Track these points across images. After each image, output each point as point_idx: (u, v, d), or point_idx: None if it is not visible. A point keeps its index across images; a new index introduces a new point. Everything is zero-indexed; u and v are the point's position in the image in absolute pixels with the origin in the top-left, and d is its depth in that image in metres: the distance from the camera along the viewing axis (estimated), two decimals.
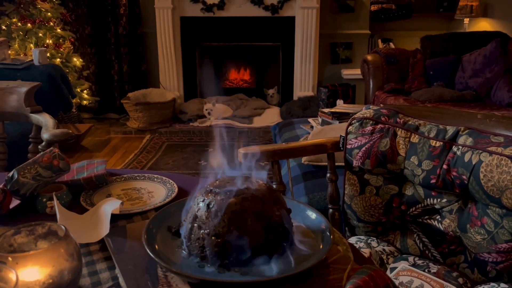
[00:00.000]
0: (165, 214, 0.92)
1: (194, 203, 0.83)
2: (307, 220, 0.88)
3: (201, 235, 0.79)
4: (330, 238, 0.81)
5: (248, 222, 0.77)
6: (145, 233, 0.82)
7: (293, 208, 0.87)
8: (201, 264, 0.78)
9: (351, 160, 1.32)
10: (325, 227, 0.84)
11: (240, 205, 0.77)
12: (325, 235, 0.82)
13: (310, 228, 0.86)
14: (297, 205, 0.91)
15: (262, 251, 0.77)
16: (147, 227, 0.84)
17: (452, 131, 1.18)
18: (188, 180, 1.19)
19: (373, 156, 1.27)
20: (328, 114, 2.71)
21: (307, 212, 0.89)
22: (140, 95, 4.47)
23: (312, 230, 0.85)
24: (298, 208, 0.90)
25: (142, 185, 1.14)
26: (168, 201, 1.04)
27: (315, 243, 0.81)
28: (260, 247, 0.77)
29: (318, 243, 0.81)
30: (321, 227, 0.85)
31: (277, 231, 0.79)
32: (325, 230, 0.83)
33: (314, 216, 0.88)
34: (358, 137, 1.29)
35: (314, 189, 2.06)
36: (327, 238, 0.81)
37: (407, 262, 1.27)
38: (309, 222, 0.87)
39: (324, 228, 0.84)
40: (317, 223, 0.86)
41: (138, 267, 0.79)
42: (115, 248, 0.85)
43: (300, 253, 0.78)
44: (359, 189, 1.33)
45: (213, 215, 0.78)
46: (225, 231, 0.77)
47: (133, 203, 1.05)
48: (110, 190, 1.12)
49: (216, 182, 0.84)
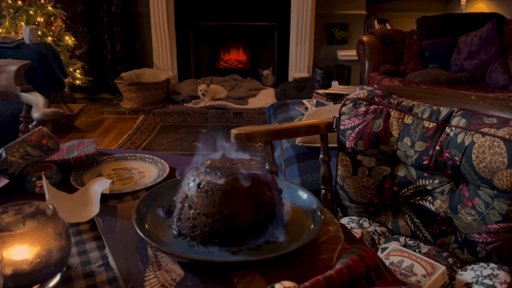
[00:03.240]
0: (156, 194, 0.91)
1: (184, 183, 0.82)
2: (299, 200, 0.88)
3: (191, 215, 0.78)
4: (321, 218, 0.81)
5: (238, 202, 0.76)
6: (135, 212, 0.82)
7: (285, 188, 0.86)
8: (191, 244, 0.78)
9: (344, 141, 1.32)
10: (316, 207, 0.84)
11: (231, 185, 0.77)
12: (316, 215, 0.82)
13: (302, 208, 0.86)
14: (289, 185, 0.90)
15: (252, 231, 0.77)
16: (137, 207, 0.83)
17: (446, 112, 1.18)
18: (180, 160, 1.18)
19: (366, 137, 1.26)
20: (323, 95, 2.69)
21: (298, 192, 0.89)
22: (133, 75, 4.43)
23: (303, 210, 0.85)
24: (289, 188, 0.90)
25: (133, 165, 1.14)
26: (159, 181, 1.03)
27: (306, 223, 0.81)
28: (250, 227, 0.77)
29: (309, 223, 0.81)
30: (312, 207, 0.84)
31: (268, 211, 0.79)
32: (316, 210, 0.83)
33: (306, 196, 0.88)
34: (352, 118, 1.29)
35: (308, 170, 2.06)
36: (318, 218, 0.81)
37: (398, 242, 1.28)
38: (301, 202, 0.87)
39: (315, 208, 0.84)
40: (309, 203, 0.86)
41: (128, 247, 0.78)
42: (105, 227, 0.84)
43: (290, 233, 0.78)
44: (352, 170, 1.33)
45: (203, 195, 0.77)
46: (216, 211, 0.76)
47: (124, 183, 1.04)
48: (101, 169, 1.11)
49: (207, 162, 0.84)
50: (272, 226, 0.79)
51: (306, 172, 2.06)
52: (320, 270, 0.73)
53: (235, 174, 0.78)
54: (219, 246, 0.76)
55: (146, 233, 0.77)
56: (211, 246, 0.77)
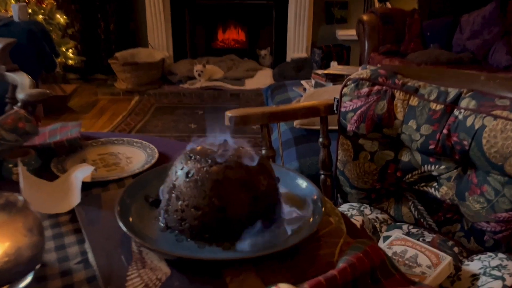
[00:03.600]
0: (143, 182, 0.84)
1: (172, 171, 0.75)
2: (297, 189, 0.81)
3: (179, 207, 0.71)
4: (322, 210, 0.74)
5: (231, 193, 0.69)
6: (119, 204, 0.75)
7: (282, 176, 0.79)
8: (179, 238, 0.71)
9: (345, 124, 1.24)
10: (317, 197, 0.77)
11: (223, 174, 0.70)
12: (317, 206, 0.75)
13: (300, 198, 0.79)
14: (287, 173, 0.83)
15: (247, 225, 0.70)
16: (121, 198, 0.76)
17: (454, 94, 1.10)
18: (170, 145, 1.11)
19: (368, 120, 1.19)
20: (322, 76, 2.61)
21: (297, 181, 0.82)
22: (127, 55, 4.32)
23: (302, 200, 0.78)
24: (287, 176, 0.83)
25: (120, 150, 1.06)
26: (148, 168, 0.96)
27: (305, 215, 0.74)
28: (244, 220, 0.70)
29: (309, 215, 0.74)
30: (312, 197, 0.78)
31: (264, 202, 0.72)
32: (317, 200, 0.76)
33: (305, 185, 0.81)
34: (353, 100, 1.21)
35: (306, 154, 1.99)
36: (319, 210, 0.74)
37: (401, 230, 1.21)
38: (299, 192, 0.80)
39: (315, 199, 0.77)
40: (308, 193, 0.79)
41: (110, 241, 0.71)
42: (86, 219, 0.77)
43: (288, 226, 0.72)
44: (353, 155, 1.26)
45: (192, 185, 0.70)
46: (206, 203, 0.69)
47: (109, 170, 0.97)
48: (85, 155, 1.04)
49: (197, 148, 0.76)
50: (268, 219, 0.72)
51: (304, 156, 1.99)
52: (320, 267, 0.66)
53: (228, 162, 0.71)
54: (209, 241, 0.70)
55: (130, 227, 0.70)
56: (201, 241, 0.70)
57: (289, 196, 0.78)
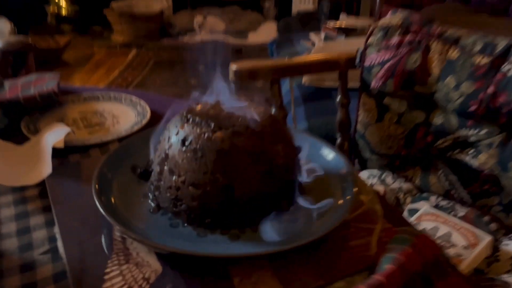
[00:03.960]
0: (130, 148, 0.68)
1: (164, 136, 0.59)
2: (322, 161, 0.65)
3: (173, 183, 0.56)
4: (353, 189, 0.58)
5: (240, 167, 0.54)
6: (97, 177, 0.59)
7: (303, 144, 0.63)
8: (174, 223, 0.56)
9: (369, 80, 1.07)
10: (347, 173, 0.61)
11: (230, 142, 0.54)
12: (347, 183, 0.60)
13: (326, 173, 0.63)
14: (308, 140, 0.67)
15: (259, 207, 0.55)
16: (100, 169, 0.61)
17: (504, 45, 0.92)
18: (165, 102, 0.94)
19: (397, 75, 1.02)
20: (333, 28, 2.40)
21: (322, 151, 0.66)
22: (124, 5, 4.06)
23: (328, 176, 0.62)
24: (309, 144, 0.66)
25: (105, 107, 0.90)
26: (137, 130, 0.80)
27: (332, 196, 0.59)
28: (256, 202, 0.55)
29: (337, 196, 0.59)
30: (341, 172, 0.62)
31: (281, 178, 0.56)
32: (347, 176, 0.61)
33: (332, 157, 0.65)
34: (381, 51, 1.03)
35: (316, 114, 1.83)
36: (349, 188, 0.59)
37: (429, 202, 1.07)
38: (325, 164, 0.64)
39: (344, 174, 0.61)
40: (335, 166, 0.63)
41: (86, 225, 0.56)
42: (59, 194, 0.62)
43: (311, 210, 0.56)
44: (377, 116, 1.10)
45: (190, 156, 0.54)
46: (208, 179, 0.54)
47: (91, 131, 0.81)
48: (64, 112, 0.87)
49: (196, 108, 0.60)
50: (286, 201, 0.56)
51: (313, 116, 1.82)
52: (354, 263, 0.52)
53: (236, 126, 0.55)
54: (212, 227, 0.54)
55: (110, 208, 0.55)
56: (201, 227, 0.55)
57: (311, 171, 0.62)
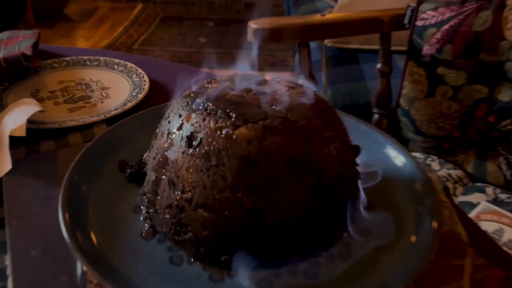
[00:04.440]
0: (118, 135, 0.50)
1: (163, 129, 0.41)
2: (386, 164, 0.46)
3: (175, 201, 0.38)
4: (432, 212, 0.40)
5: (275, 181, 0.35)
6: (66, 186, 0.41)
7: (358, 138, 0.44)
8: (175, 257, 0.38)
9: (421, 44, 0.87)
10: (422, 185, 0.43)
11: (259, 144, 0.35)
12: (424, 203, 0.41)
13: (392, 183, 0.44)
14: (365, 132, 0.49)
15: (301, 239, 0.37)
16: (70, 173, 0.43)
17: None
18: (170, 70, 0.75)
19: (459, 39, 0.81)
20: None
21: (386, 149, 0.47)
22: None
23: (395, 188, 0.44)
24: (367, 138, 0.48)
25: (93, 76, 0.71)
26: (131, 108, 0.61)
27: (404, 221, 0.40)
28: (298, 231, 0.37)
29: (407, 224, 0.40)
30: (413, 184, 0.43)
31: (334, 195, 0.38)
32: (423, 192, 0.42)
33: (403, 161, 0.46)
34: (439, 8, 0.82)
35: (340, 79, 1.61)
36: (426, 212, 0.40)
37: (485, 195, 0.89)
38: (390, 169, 0.46)
39: (420, 189, 0.42)
40: (406, 173, 0.45)
41: (50, 255, 0.39)
42: (17, 204, 0.45)
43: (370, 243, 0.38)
44: (427, 89, 0.90)
45: (200, 163, 0.36)
46: (226, 200, 0.36)
47: (72, 109, 0.63)
48: (41, 82, 0.69)
49: (208, 86, 0.41)
50: (340, 228, 0.38)
51: (337, 82, 1.61)
52: None
53: (268, 118, 0.36)
54: (231, 268, 0.37)
55: (83, 237, 0.37)
56: (215, 266, 0.37)
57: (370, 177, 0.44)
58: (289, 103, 0.38)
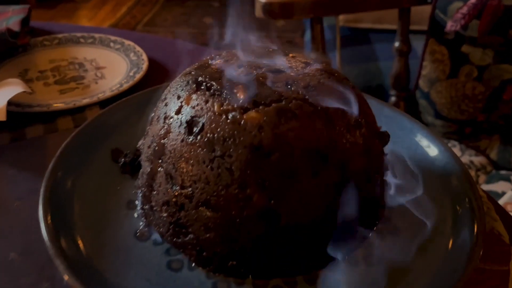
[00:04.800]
0: (111, 120, 0.45)
1: (159, 112, 0.35)
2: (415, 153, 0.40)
3: (173, 197, 0.32)
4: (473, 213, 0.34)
5: (291, 176, 0.30)
6: (49, 179, 0.36)
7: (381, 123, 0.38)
8: (174, 262, 0.33)
9: (444, 20, 0.80)
10: (459, 179, 0.37)
11: (272, 131, 0.29)
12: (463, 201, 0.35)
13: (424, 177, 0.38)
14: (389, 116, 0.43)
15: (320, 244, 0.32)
16: (54, 164, 0.37)
17: None
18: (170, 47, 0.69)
19: (487, 14, 0.74)
20: None
21: (415, 136, 0.41)
22: None
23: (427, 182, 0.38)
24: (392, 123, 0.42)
25: (87, 55, 0.65)
26: (127, 89, 0.56)
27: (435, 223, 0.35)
28: (316, 235, 0.31)
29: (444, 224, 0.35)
30: (449, 178, 0.37)
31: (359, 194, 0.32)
32: (461, 187, 0.36)
33: (436, 151, 0.40)
34: None
35: (352, 60, 1.55)
36: (466, 211, 0.35)
37: (510, 183, 0.83)
38: (420, 158, 0.40)
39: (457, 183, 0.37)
40: (440, 164, 0.39)
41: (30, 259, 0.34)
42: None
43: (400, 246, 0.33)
44: (449, 69, 0.83)
45: (202, 154, 0.30)
46: (234, 197, 0.30)
47: (63, 90, 0.57)
48: (31, 61, 0.63)
49: (212, 63, 0.35)
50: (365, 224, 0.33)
51: (349, 62, 1.55)
52: None
53: (283, 99, 0.30)
54: (239, 275, 0.32)
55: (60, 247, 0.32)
56: (220, 272, 0.32)
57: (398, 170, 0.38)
58: (308, 82, 0.32)
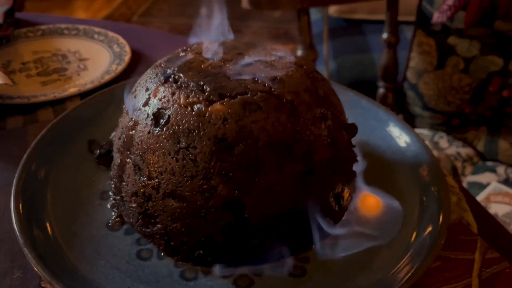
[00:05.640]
0: (87, 112, 0.45)
1: (128, 104, 0.35)
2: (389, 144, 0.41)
3: (141, 188, 0.33)
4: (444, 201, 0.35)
5: (257, 168, 0.30)
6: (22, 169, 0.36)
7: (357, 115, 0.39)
8: (143, 251, 0.33)
9: (431, 11, 0.80)
10: (429, 169, 0.37)
11: (237, 123, 0.30)
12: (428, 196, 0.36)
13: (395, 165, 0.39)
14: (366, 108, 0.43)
15: (286, 234, 0.32)
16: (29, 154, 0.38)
17: None
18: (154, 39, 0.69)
19: (473, 6, 0.74)
20: None
21: (388, 127, 0.42)
22: None
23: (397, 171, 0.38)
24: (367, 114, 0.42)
25: (71, 46, 0.65)
26: (109, 81, 0.56)
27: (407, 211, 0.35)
28: (282, 225, 0.32)
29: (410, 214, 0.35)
30: (419, 167, 0.38)
31: (324, 185, 0.33)
32: (431, 177, 0.37)
33: (406, 140, 0.40)
34: None
35: (345, 51, 1.54)
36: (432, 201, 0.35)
37: (495, 175, 0.83)
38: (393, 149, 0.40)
39: (426, 173, 0.37)
40: (410, 155, 0.39)
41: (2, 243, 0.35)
42: None
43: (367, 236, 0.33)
44: (437, 61, 0.83)
45: (168, 145, 0.31)
46: (199, 188, 0.30)
47: (45, 82, 0.57)
48: (14, 52, 0.64)
49: (182, 55, 0.36)
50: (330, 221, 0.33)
51: (342, 53, 1.54)
52: None
53: (248, 91, 0.31)
54: (206, 264, 0.32)
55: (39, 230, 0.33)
56: (188, 261, 0.33)
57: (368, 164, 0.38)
58: (274, 75, 0.32)
